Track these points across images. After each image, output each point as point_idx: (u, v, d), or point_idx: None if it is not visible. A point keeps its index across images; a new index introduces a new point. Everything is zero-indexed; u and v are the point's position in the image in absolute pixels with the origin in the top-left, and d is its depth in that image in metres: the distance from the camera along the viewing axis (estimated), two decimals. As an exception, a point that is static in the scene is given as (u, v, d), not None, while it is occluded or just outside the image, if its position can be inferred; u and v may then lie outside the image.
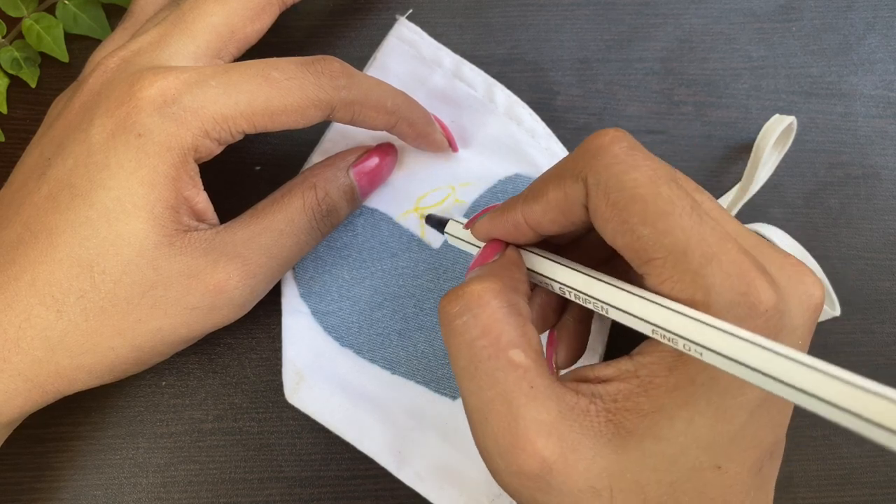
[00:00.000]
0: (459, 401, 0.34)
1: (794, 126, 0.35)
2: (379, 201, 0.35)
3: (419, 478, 0.33)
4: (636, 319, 0.24)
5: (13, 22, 0.37)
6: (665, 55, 0.39)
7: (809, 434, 0.36)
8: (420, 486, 0.33)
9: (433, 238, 0.35)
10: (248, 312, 0.31)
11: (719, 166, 0.37)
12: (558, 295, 0.29)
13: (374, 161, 0.34)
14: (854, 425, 0.18)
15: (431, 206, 0.35)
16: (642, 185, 0.23)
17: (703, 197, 0.26)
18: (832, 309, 0.34)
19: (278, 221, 0.30)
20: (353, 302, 0.35)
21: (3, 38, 0.37)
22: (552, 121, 0.36)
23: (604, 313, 0.25)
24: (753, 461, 0.25)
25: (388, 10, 0.38)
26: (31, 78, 0.37)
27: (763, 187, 0.37)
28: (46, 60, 0.38)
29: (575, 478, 0.23)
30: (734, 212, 0.36)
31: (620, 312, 0.24)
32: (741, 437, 0.24)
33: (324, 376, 0.34)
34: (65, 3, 0.37)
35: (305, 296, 0.35)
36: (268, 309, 0.35)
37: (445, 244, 0.35)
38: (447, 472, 0.33)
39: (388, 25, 0.37)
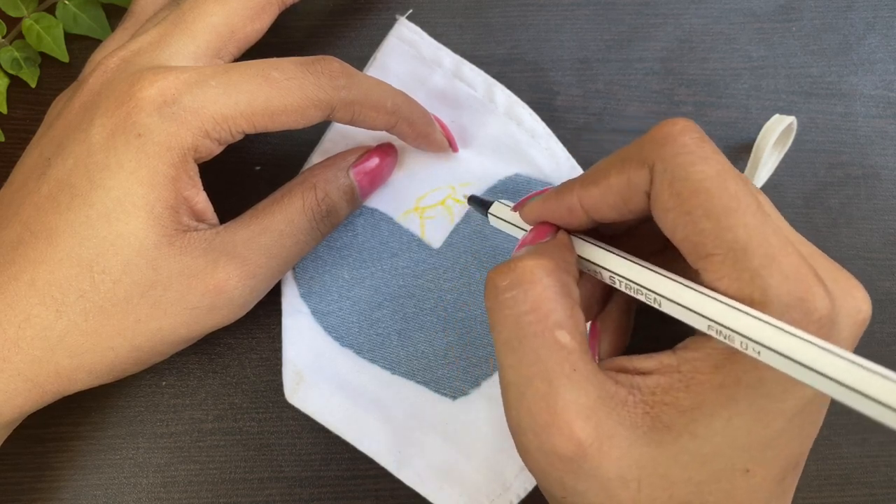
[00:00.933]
0: (459, 401, 0.34)
1: (795, 126, 0.35)
2: (379, 201, 0.35)
3: (419, 478, 0.33)
4: (692, 314, 0.23)
5: (13, 22, 0.37)
6: (665, 55, 0.39)
7: (809, 434, 0.36)
8: (420, 487, 0.33)
9: (433, 238, 0.35)
10: (248, 312, 0.31)
11: (719, 166, 0.37)
12: (602, 285, 0.29)
13: (374, 161, 0.33)
14: None
15: (431, 205, 0.35)
16: (709, 178, 0.23)
17: (763, 199, 0.26)
18: None
19: (278, 222, 0.30)
20: (354, 302, 0.35)
21: (4, 38, 0.37)
22: (552, 121, 0.36)
23: (656, 306, 0.25)
24: (780, 469, 0.25)
25: (388, 10, 0.38)
26: (31, 78, 0.37)
27: (763, 187, 0.37)
28: (46, 60, 0.38)
29: (607, 465, 0.23)
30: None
31: (676, 306, 0.24)
32: (774, 444, 0.24)
33: (324, 376, 0.34)
34: (65, 3, 0.37)
35: (305, 296, 0.35)
36: (268, 309, 0.35)
37: (445, 244, 0.35)
38: (447, 473, 0.33)
39: (388, 25, 0.37)
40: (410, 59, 0.36)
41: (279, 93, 0.28)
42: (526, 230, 0.29)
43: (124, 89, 0.28)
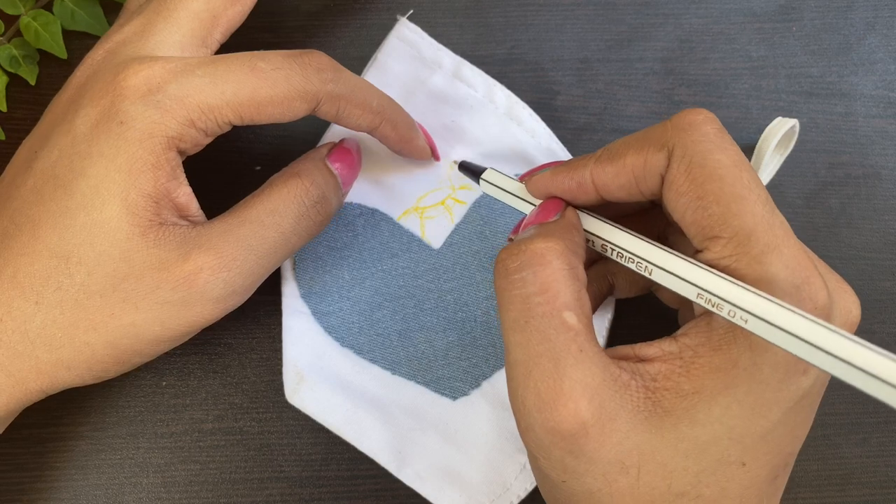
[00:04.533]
0: (459, 401, 0.34)
1: (797, 129, 0.35)
2: (379, 202, 0.35)
3: (419, 478, 0.33)
4: (682, 281, 0.24)
5: (11, 20, 0.37)
6: (665, 55, 0.39)
7: (810, 434, 0.36)
8: (420, 487, 0.33)
9: (433, 238, 0.35)
10: (249, 312, 0.31)
11: (719, 166, 0.37)
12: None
13: (347, 153, 0.33)
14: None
15: (431, 205, 0.35)
16: (725, 167, 0.24)
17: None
18: None
19: (259, 213, 0.29)
20: (354, 302, 0.35)
21: (2, 35, 0.37)
22: (552, 121, 0.36)
23: (647, 274, 0.25)
24: (773, 467, 0.25)
25: (389, 10, 0.38)
26: (30, 75, 0.37)
27: (763, 187, 0.37)
28: (45, 58, 0.38)
29: (608, 448, 0.24)
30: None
31: (667, 274, 0.25)
32: (769, 438, 0.24)
33: (324, 376, 0.34)
34: (62, 0, 0.37)
35: (306, 296, 0.35)
36: (268, 309, 0.35)
37: (446, 244, 0.35)
38: (448, 473, 0.33)
39: (388, 25, 0.37)
40: (411, 59, 0.36)
41: (266, 83, 0.28)
42: (523, 199, 0.30)
43: (109, 79, 0.27)
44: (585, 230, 0.28)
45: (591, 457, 0.24)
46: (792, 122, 0.34)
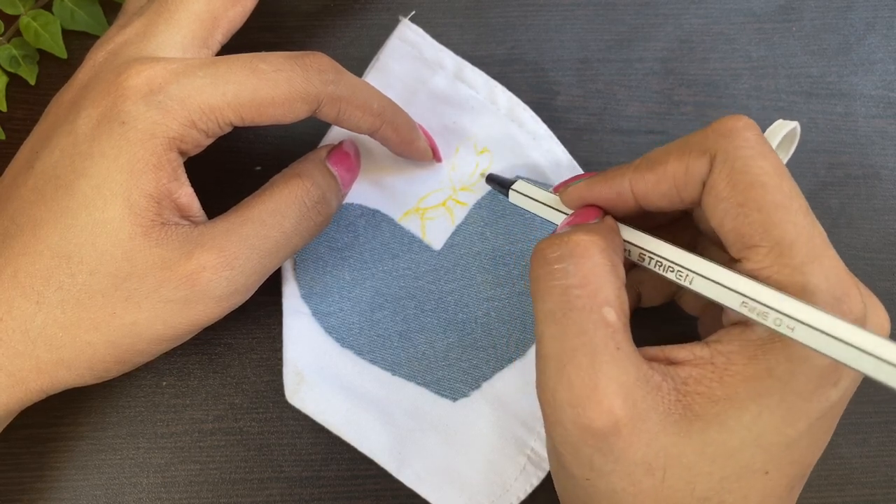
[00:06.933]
0: (459, 402, 0.34)
1: (798, 131, 0.35)
2: (380, 202, 0.35)
3: (419, 479, 0.33)
4: (726, 290, 0.24)
5: (11, 20, 0.37)
6: (665, 55, 0.39)
7: (808, 434, 0.36)
8: (420, 487, 0.33)
9: (434, 239, 0.35)
10: (249, 312, 0.31)
11: (719, 166, 0.37)
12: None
13: (346, 154, 0.34)
14: None
15: (432, 206, 0.35)
16: (767, 174, 0.24)
17: None
18: None
19: (261, 212, 0.29)
20: (354, 303, 0.35)
21: (2, 35, 0.37)
22: (552, 121, 0.36)
23: (687, 283, 0.25)
24: (792, 477, 0.25)
25: (389, 10, 0.38)
26: (30, 75, 0.37)
27: (763, 188, 0.37)
28: (45, 58, 0.38)
29: (636, 448, 0.24)
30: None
31: (710, 283, 0.24)
32: (794, 448, 0.24)
33: (324, 377, 0.34)
34: (62, 0, 0.37)
35: (306, 297, 0.35)
36: (268, 309, 0.35)
37: (446, 245, 0.35)
38: (447, 474, 0.33)
39: (388, 25, 0.37)
40: (412, 60, 0.36)
41: (267, 84, 0.28)
42: (557, 210, 0.30)
43: (111, 79, 0.28)
44: (624, 239, 0.27)
45: (619, 456, 0.24)
46: (793, 125, 0.34)
